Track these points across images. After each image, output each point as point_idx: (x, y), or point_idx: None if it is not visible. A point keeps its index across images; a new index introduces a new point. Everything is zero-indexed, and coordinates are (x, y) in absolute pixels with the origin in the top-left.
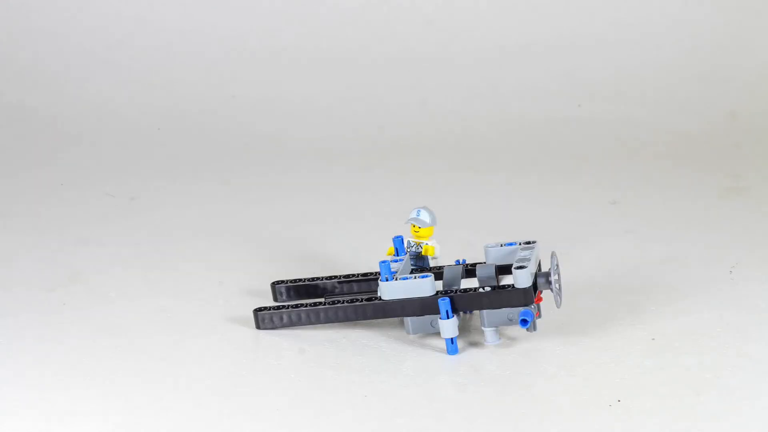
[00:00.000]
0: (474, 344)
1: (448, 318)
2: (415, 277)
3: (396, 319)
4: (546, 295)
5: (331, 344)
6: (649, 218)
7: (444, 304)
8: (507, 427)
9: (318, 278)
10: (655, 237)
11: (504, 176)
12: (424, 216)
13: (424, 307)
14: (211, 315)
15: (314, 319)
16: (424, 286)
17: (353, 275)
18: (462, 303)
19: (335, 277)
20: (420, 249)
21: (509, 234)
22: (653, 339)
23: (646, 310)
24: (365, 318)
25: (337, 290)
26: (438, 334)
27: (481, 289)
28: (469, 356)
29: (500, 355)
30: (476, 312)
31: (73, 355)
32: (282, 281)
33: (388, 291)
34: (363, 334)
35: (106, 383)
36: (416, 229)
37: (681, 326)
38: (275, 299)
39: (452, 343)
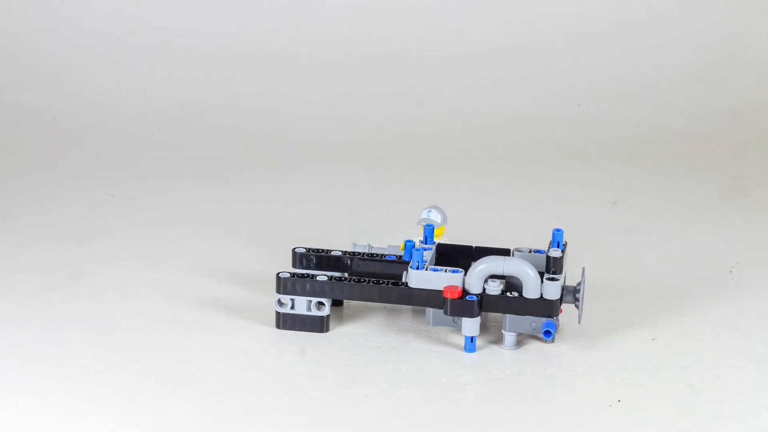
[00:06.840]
0: None
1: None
2: (446, 270)
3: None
4: (567, 308)
5: (331, 344)
6: (649, 218)
7: (472, 303)
8: (507, 427)
9: (343, 252)
10: (655, 237)
11: (504, 176)
12: (435, 216)
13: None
14: (211, 315)
15: (338, 293)
16: (454, 281)
17: (376, 255)
18: (488, 304)
19: (357, 254)
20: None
21: (509, 234)
22: (653, 339)
23: (646, 310)
24: (388, 301)
25: (360, 267)
26: (452, 329)
27: (508, 293)
28: (469, 357)
29: (500, 355)
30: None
31: (73, 355)
32: (307, 249)
33: (416, 279)
34: (363, 333)
35: (106, 383)
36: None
37: (681, 326)
38: (294, 266)
39: (471, 341)
